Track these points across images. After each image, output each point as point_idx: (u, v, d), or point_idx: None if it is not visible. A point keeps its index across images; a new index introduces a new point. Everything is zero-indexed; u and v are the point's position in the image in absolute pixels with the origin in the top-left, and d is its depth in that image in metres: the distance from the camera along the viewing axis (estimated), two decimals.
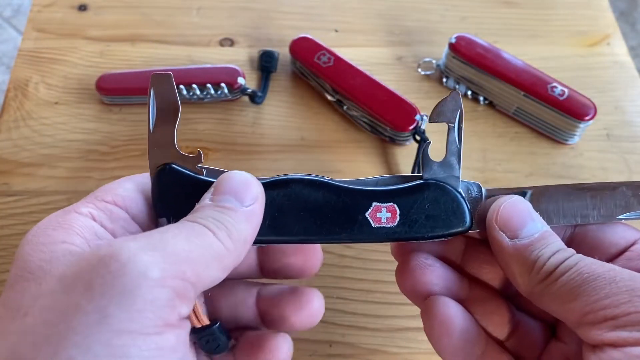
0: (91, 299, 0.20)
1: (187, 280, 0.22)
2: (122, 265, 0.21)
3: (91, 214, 0.25)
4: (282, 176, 0.28)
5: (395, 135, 0.46)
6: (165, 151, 0.27)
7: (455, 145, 0.28)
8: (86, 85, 0.49)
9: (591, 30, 0.55)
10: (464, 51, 0.48)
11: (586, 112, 0.45)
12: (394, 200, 0.27)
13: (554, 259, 0.25)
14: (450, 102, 0.28)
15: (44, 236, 0.24)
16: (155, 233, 0.23)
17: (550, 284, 0.25)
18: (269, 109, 0.49)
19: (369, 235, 0.27)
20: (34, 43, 0.52)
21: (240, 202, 0.25)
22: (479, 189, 0.29)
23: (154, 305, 0.21)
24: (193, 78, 0.48)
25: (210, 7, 0.55)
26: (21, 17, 1.46)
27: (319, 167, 0.46)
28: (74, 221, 0.24)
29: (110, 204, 0.26)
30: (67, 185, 0.44)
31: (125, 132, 0.47)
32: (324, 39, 0.50)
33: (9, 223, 0.43)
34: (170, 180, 0.27)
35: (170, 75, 0.27)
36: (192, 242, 0.23)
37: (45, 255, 0.23)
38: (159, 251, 0.22)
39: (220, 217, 0.24)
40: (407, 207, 0.27)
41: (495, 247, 0.27)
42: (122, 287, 0.21)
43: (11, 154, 0.46)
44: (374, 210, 0.27)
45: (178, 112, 0.27)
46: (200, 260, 0.23)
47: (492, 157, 0.47)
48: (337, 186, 0.27)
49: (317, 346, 0.38)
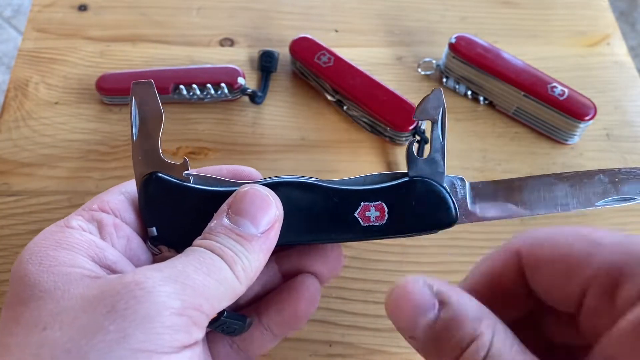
0: (113, 320, 0.22)
1: (203, 312, 0.24)
2: (146, 293, 0.22)
3: (81, 226, 0.26)
4: (271, 179, 0.28)
5: (395, 135, 0.46)
6: (151, 160, 0.27)
7: (439, 142, 0.28)
8: (86, 85, 0.49)
9: (591, 30, 0.55)
10: (464, 51, 0.48)
11: (586, 112, 0.45)
12: (382, 199, 0.28)
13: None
14: (433, 99, 0.28)
15: (47, 257, 0.24)
16: (178, 264, 0.24)
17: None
18: (269, 109, 0.49)
19: (359, 234, 0.28)
20: (34, 43, 0.52)
21: (256, 228, 0.26)
22: (463, 182, 0.29)
23: (172, 330, 0.22)
24: (193, 78, 0.48)
25: (210, 7, 0.55)
26: (21, 17, 1.46)
27: (319, 167, 0.46)
28: (71, 239, 0.25)
29: (97, 212, 0.27)
30: (67, 185, 0.44)
31: (125, 132, 0.47)
32: (324, 39, 0.50)
33: (9, 223, 0.43)
34: (157, 189, 0.27)
35: (152, 83, 0.27)
36: (212, 277, 0.24)
37: (57, 277, 0.23)
38: (180, 284, 0.23)
39: (236, 248, 0.25)
40: (395, 204, 0.28)
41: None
42: (145, 312, 0.22)
43: (11, 154, 0.46)
44: (363, 210, 0.28)
45: (161, 120, 0.27)
46: (216, 294, 0.24)
47: (492, 157, 0.47)
48: (326, 187, 0.28)
49: (317, 346, 0.38)
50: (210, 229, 0.26)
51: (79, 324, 0.22)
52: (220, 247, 0.25)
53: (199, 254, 0.25)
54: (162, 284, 0.23)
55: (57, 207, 0.43)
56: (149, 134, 0.27)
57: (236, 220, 0.26)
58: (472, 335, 0.21)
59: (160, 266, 0.24)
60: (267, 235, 0.26)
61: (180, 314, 0.23)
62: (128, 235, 0.28)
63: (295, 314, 0.31)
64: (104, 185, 0.44)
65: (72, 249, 0.25)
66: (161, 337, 0.22)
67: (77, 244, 0.25)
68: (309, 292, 0.31)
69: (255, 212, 0.26)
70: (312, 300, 0.31)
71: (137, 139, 0.27)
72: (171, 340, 0.22)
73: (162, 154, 0.27)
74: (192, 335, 0.23)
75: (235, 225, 0.26)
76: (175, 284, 0.23)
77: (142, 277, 0.23)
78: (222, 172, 0.31)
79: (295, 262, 0.32)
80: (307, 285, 0.31)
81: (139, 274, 0.23)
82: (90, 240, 0.26)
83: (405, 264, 0.41)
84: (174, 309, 0.22)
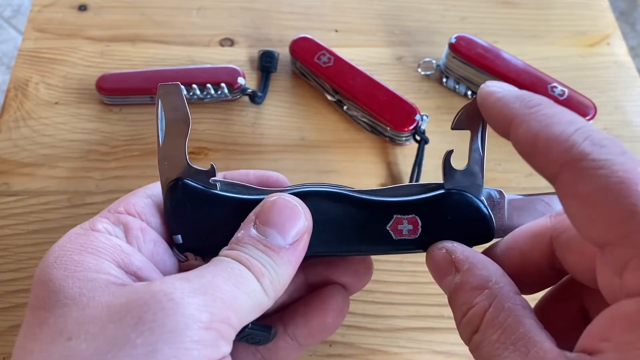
0: (141, 333, 0.21)
1: (231, 325, 0.23)
2: (174, 305, 0.21)
3: (107, 229, 0.25)
4: (299, 187, 0.27)
5: (395, 135, 0.46)
6: (177, 165, 0.26)
7: (478, 153, 0.27)
8: (86, 85, 0.49)
9: (591, 30, 0.55)
10: (464, 51, 0.48)
11: (586, 112, 0.45)
12: (415, 212, 0.26)
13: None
14: (472, 107, 0.26)
15: (72, 262, 0.24)
16: (207, 275, 0.23)
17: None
18: (269, 109, 0.49)
19: (390, 248, 0.27)
20: (34, 43, 0.52)
21: (284, 239, 0.25)
22: (502, 195, 0.28)
23: (200, 345, 0.21)
24: (193, 78, 0.48)
25: (210, 7, 0.55)
26: (21, 17, 1.46)
27: (319, 167, 0.46)
28: (96, 243, 0.24)
29: (123, 214, 0.26)
30: (67, 185, 0.44)
31: (125, 132, 0.47)
32: (324, 39, 0.50)
33: (9, 223, 0.43)
34: (183, 196, 0.26)
35: (179, 85, 0.26)
36: (240, 288, 0.23)
37: (82, 283, 0.23)
38: (209, 295, 0.22)
39: (264, 260, 0.25)
40: (429, 218, 0.26)
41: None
42: (173, 325, 0.21)
43: (11, 154, 0.46)
44: (395, 223, 0.26)
45: (189, 124, 0.26)
46: (244, 307, 0.24)
47: (492, 157, 0.47)
48: (357, 198, 0.27)
49: (317, 346, 0.38)
50: (237, 239, 0.25)
51: (105, 335, 0.21)
52: (247, 258, 0.24)
53: (227, 265, 0.24)
54: (191, 295, 0.22)
55: (57, 207, 0.43)
56: (176, 138, 0.26)
57: (264, 231, 0.25)
58: (470, 304, 0.23)
59: (189, 276, 0.23)
60: (295, 247, 0.25)
61: (209, 327, 0.22)
62: (154, 239, 0.27)
63: (323, 325, 0.30)
64: (104, 185, 0.44)
65: (97, 254, 0.24)
66: (190, 352, 0.21)
67: (102, 248, 0.24)
68: (337, 303, 0.30)
69: (284, 223, 0.25)
70: (340, 312, 0.30)
71: (163, 143, 0.26)
72: (200, 356, 0.21)
73: (188, 159, 0.26)
74: (221, 350, 0.22)
75: (263, 236, 0.25)
76: (205, 296, 0.22)
77: (170, 287, 0.22)
78: (250, 178, 0.30)
79: (323, 272, 0.31)
80: (335, 296, 0.30)
81: (167, 283, 0.22)
82: (116, 245, 0.25)
83: (405, 264, 0.41)
84: (202, 323, 0.22)
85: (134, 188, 0.44)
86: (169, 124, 0.26)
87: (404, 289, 0.40)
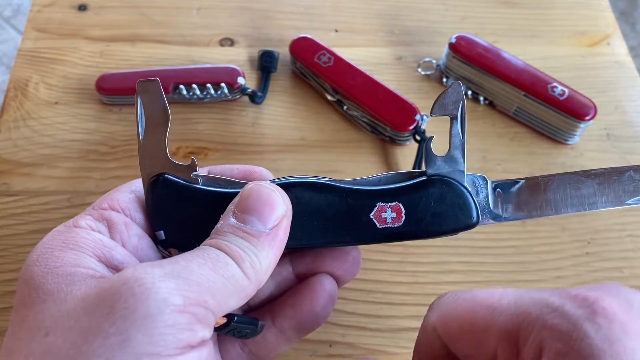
0: (113, 322, 0.21)
1: (208, 308, 0.23)
2: (145, 289, 0.21)
3: (89, 225, 0.25)
4: (282, 179, 0.27)
5: (396, 135, 0.46)
6: (158, 161, 0.26)
7: (458, 138, 0.27)
8: (86, 85, 0.49)
9: (591, 30, 0.55)
10: (464, 51, 0.48)
11: (586, 112, 0.45)
12: (399, 199, 0.26)
13: None
14: (452, 93, 0.26)
15: (53, 258, 0.24)
16: (180, 260, 0.23)
17: None
18: (269, 109, 0.49)
19: (375, 236, 0.26)
20: (33, 43, 0.52)
21: (263, 224, 0.25)
22: (485, 181, 0.28)
23: (175, 329, 0.21)
24: (193, 78, 0.48)
25: (210, 7, 0.55)
26: (21, 17, 1.46)
27: (319, 167, 0.46)
28: (78, 239, 0.24)
29: (106, 210, 0.26)
30: (67, 185, 0.44)
31: (125, 132, 0.47)
32: (324, 39, 0.50)
33: (9, 223, 0.42)
34: (165, 191, 0.26)
35: (157, 82, 0.26)
36: (217, 272, 0.23)
37: (61, 278, 0.23)
38: (182, 279, 0.22)
39: (243, 245, 0.24)
40: (412, 205, 0.26)
41: None
42: (144, 311, 0.21)
43: (11, 154, 0.46)
44: (379, 211, 0.26)
45: (168, 120, 0.26)
46: (223, 290, 0.23)
47: (492, 157, 0.47)
48: (339, 187, 0.27)
49: (317, 346, 0.38)
50: (217, 229, 0.25)
51: (80, 327, 0.21)
52: (226, 244, 0.24)
53: (204, 251, 0.24)
54: (162, 279, 0.22)
55: (57, 207, 0.43)
56: (156, 134, 0.26)
57: (243, 218, 0.25)
58: None
59: (162, 262, 0.23)
60: (275, 231, 0.25)
61: (183, 311, 0.21)
62: (138, 234, 0.27)
63: (312, 314, 0.30)
64: (104, 185, 0.44)
65: (78, 249, 0.24)
66: (164, 337, 0.21)
67: (83, 243, 0.24)
68: (326, 291, 0.30)
69: (262, 209, 0.25)
70: (329, 300, 0.30)
71: (143, 139, 0.26)
72: (175, 340, 0.21)
73: (169, 155, 0.26)
74: (198, 334, 0.22)
75: (242, 223, 0.25)
76: (177, 280, 0.22)
77: (141, 273, 0.22)
78: (233, 173, 0.30)
79: (311, 263, 0.31)
80: (323, 285, 0.30)
81: (139, 270, 0.22)
82: (98, 240, 0.25)
83: (405, 264, 0.41)
84: (175, 306, 0.21)
85: None
86: (148, 120, 0.26)
87: (404, 289, 0.40)
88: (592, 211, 0.28)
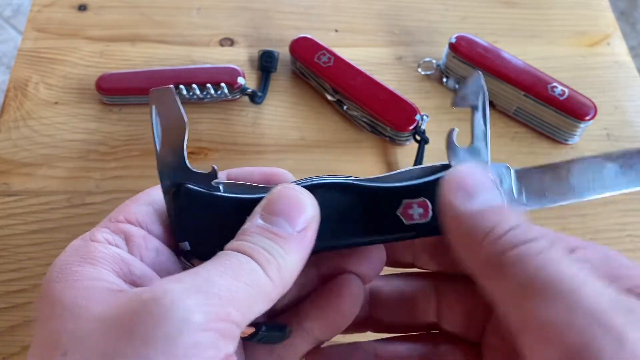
0: (132, 345, 0.20)
1: (232, 321, 0.22)
2: (165, 310, 0.20)
3: (106, 239, 0.25)
4: (305, 181, 0.27)
5: (396, 135, 0.46)
6: (177, 170, 0.26)
7: (481, 129, 0.26)
8: (86, 85, 0.49)
9: (591, 30, 0.55)
10: (464, 51, 0.48)
11: (586, 112, 0.45)
12: (425, 194, 0.26)
13: (513, 236, 0.22)
14: (473, 84, 0.26)
15: (71, 273, 0.23)
16: (201, 271, 0.22)
17: (501, 267, 0.22)
18: (269, 109, 0.49)
19: (402, 233, 0.26)
20: (33, 43, 0.52)
21: (292, 227, 0.24)
22: (508, 170, 0.28)
23: (198, 349, 0.20)
24: (193, 78, 0.48)
25: (210, 7, 0.55)
26: (21, 17, 1.46)
27: (319, 167, 0.46)
28: (96, 253, 0.24)
29: (123, 223, 0.26)
30: (67, 185, 0.44)
31: (125, 132, 0.47)
32: (324, 39, 0.50)
33: (9, 223, 0.42)
34: (187, 201, 0.25)
35: (171, 89, 0.25)
36: (240, 280, 0.22)
37: (79, 292, 0.22)
38: (203, 293, 0.21)
39: (270, 247, 0.24)
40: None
41: (446, 213, 0.25)
42: (164, 333, 0.20)
43: (11, 154, 0.46)
44: (405, 207, 0.26)
45: (185, 128, 0.25)
46: (247, 299, 0.22)
47: (492, 157, 0.46)
48: (364, 186, 0.26)
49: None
50: (243, 230, 0.24)
51: (99, 350, 0.20)
52: (252, 246, 0.23)
53: (226, 257, 0.23)
54: (182, 297, 0.21)
55: (57, 207, 0.43)
56: (173, 143, 0.25)
57: (270, 220, 0.24)
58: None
59: (182, 276, 0.22)
60: (304, 234, 0.24)
61: (205, 329, 0.21)
62: (157, 248, 0.26)
63: (339, 313, 0.29)
64: (104, 185, 0.44)
65: (97, 264, 0.23)
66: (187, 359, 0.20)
67: (101, 257, 0.24)
68: (352, 290, 0.29)
69: (290, 211, 0.24)
70: (356, 299, 0.29)
71: (160, 149, 0.25)
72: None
73: (188, 163, 0.26)
74: (222, 351, 0.21)
75: (270, 224, 0.24)
76: (198, 295, 0.21)
77: (159, 292, 0.21)
78: (254, 176, 0.29)
79: (335, 263, 0.30)
80: (350, 284, 0.29)
81: (158, 288, 0.21)
82: (115, 254, 0.24)
83: None
84: (196, 325, 0.20)
85: (134, 188, 0.44)
86: (164, 129, 0.25)
87: None
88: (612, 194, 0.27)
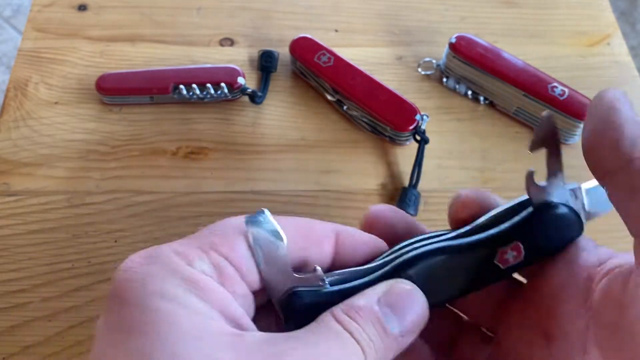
0: None
1: None
2: None
3: (204, 271, 0.23)
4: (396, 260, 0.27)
5: (396, 135, 0.46)
6: (284, 281, 0.26)
7: (557, 167, 0.28)
8: (86, 85, 0.49)
9: (591, 30, 0.55)
10: (464, 51, 0.48)
11: (586, 112, 0.45)
12: (516, 237, 0.27)
13: None
14: (546, 126, 0.27)
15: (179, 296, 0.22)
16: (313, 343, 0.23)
17: None
18: (269, 109, 0.49)
19: (500, 277, 0.27)
20: (33, 43, 0.52)
21: (400, 328, 0.24)
22: (579, 190, 0.28)
23: None
24: (193, 78, 0.48)
25: (210, 7, 0.55)
26: (21, 17, 1.46)
27: (319, 167, 0.46)
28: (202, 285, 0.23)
29: (222, 260, 0.24)
30: (67, 185, 0.44)
31: (125, 132, 0.47)
32: (324, 39, 0.50)
33: (9, 223, 0.42)
34: (300, 304, 0.26)
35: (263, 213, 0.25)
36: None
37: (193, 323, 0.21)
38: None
39: (376, 341, 0.23)
40: (529, 238, 0.27)
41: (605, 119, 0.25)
42: None
43: (11, 154, 0.46)
44: (501, 254, 0.27)
45: (284, 243, 0.25)
46: None
47: (492, 157, 0.47)
48: (458, 245, 0.27)
49: None
50: (359, 306, 0.24)
51: None
52: (361, 332, 0.23)
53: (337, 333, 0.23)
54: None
55: (56, 207, 0.43)
56: (275, 259, 0.26)
57: (385, 313, 0.24)
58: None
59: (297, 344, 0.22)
60: (407, 339, 0.25)
61: None
62: (244, 294, 0.25)
63: None
64: (104, 185, 0.44)
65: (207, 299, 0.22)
66: None
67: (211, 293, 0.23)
68: None
69: (405, 311, 0.24)
70: None
71: (264, 269, 0.26)
72: None
73: (293, 272, 0.26)
74: None
75: (383, 317, 0.24)
76: None
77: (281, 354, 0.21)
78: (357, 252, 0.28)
79: None
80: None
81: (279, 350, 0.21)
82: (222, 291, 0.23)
83: None
84: None
85: (133, 188, 0.44)
86: (264, 249, 0.25)
87: None
88: None
